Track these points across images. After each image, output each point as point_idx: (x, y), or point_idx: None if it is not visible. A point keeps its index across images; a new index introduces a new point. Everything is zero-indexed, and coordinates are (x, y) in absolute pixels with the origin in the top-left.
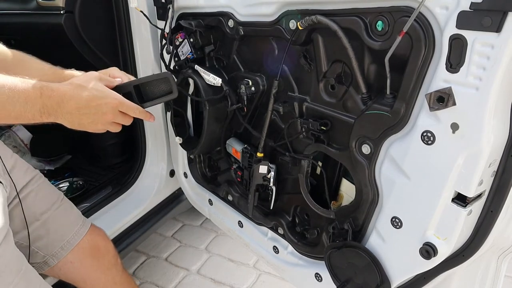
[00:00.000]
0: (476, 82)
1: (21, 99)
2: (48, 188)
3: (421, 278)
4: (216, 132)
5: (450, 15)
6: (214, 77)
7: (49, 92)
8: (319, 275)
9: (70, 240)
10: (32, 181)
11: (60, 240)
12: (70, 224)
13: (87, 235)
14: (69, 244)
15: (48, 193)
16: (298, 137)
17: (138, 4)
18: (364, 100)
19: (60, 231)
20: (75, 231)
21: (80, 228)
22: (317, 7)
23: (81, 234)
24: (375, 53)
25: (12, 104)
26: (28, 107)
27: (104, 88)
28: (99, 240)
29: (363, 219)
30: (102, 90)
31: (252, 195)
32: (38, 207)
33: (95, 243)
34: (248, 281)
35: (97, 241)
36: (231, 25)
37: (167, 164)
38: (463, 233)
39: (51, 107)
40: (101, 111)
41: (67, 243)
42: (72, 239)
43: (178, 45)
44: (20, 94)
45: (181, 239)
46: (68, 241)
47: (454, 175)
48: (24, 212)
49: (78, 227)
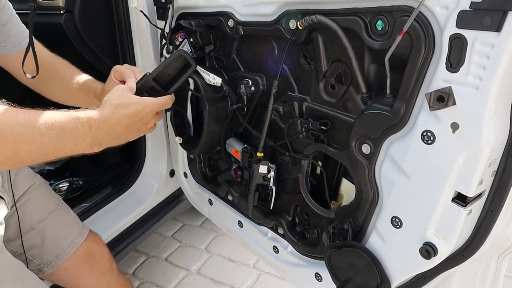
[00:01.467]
0: (476, 81)
1: (70, 137)
2: (47, 194)
3: (421, 278)
4: (216, 132)
5: (450, 14)
6: (214, 77)
7: (96, 124)
8: (319, 275)
9: (65, 249)
10: (31, 188)
11: (55, 249)
12: (67, 233)
13: (83, 243)
14: (64, 253)
15: (46, 201)
16: (298, 137)
17: (138, 4)
18: (364, 100)
19: (56, 240)
20: (71, 240)
21: (77, 237)
22: (317, 7)
23: (77, 243)
24: (375, 52)
25: (62, 144)
26: (78, 143)
27: (139, 98)
28: (94, 246)
29: (363, 219)
30: (139, 101)
31: (252, 195)
32: (35, 215)
33: (90, 249)
34: (248, 281)
35: (92, 247)
36: (231, 25)
37: (167, 164)
38: (463, 232)
39: (101, 138)
40: (145, 122)
41: (62, 252)
42: (67, 248)
43: (178, 45)
44: (69, 133)
45: (181, 239)
46: (64, 250)
47: (454, 175)
48: (20, 220)
49: (74, 236)
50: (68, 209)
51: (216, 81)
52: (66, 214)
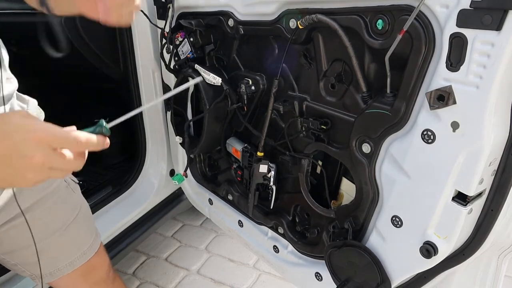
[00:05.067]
0: (476, 80)
1: None
2: (60, 208)
3: (421, 277)
4: (216, 131)
5: (450, 13)
6: (214, 77)
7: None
8: (319, 274)
9: (61, 269)
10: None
11: (51, 266)
12: (67, 255)
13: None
14: (60, 272)
15: (55, 216)
16: (298, 136)
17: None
18: (365, 99)
19: (54, 259)
20: (70, 262)
21: (78, 259)
22: (317, 6)
23: (76, 264)
24: (375, 52)
25: None
26: None
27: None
28: (94, 259)
29: (363, 218)
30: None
31: (252, 195)
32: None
33: (89, 263)
34: (248, 281)
35: (92, 261)
36: (231, 24)
37: (167, 164)
38: (464, 232)
39: None
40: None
41: (57, 271)
42: (64, 268)
43: (178, 44)
44: None
45: (181, 239)
46: (59, 269)
47: (454, 174)
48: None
49: (76, 257)
50: (80, 224)
51: (216, 80)
52: (76, 231)
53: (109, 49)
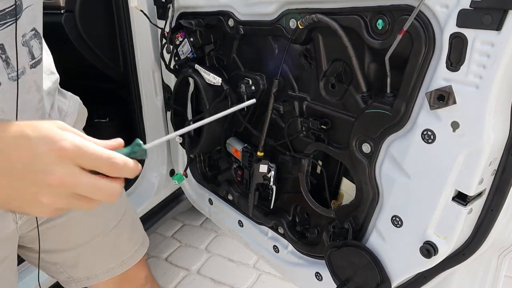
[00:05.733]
0: (476, 80)
1: None
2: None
3: (421, 277)
4: (216, 131)
5: (450, 13)
6: (214, 77)
7: None
8: (319, 274)
9: (99, 275)
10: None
11: (89, 271)
12: (106, 262)
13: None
14: (96, 278)
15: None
16: (298, 136)
17: (138, 3)
18: (365, 99)
19: (92, 264)
20: (108, 269)
21: (118, 267)
22: (317, 6)
23: (115, 273)
24: (375, 51)
25: None
26: None
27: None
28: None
29: (363, 218)
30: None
31: (252, 195)
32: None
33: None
34: (248, 281)
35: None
36: (231, 24)
37: (167, 164)
38: (464, 231)
39: None
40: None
41: (94, 277)
42: (101, 275)
43: (178, 44)
44: None
45: (181, 239)
46: (97, 275)
47: (454, 174)
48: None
49: (116, 265)
50: (122, 231)
51: (216, 80)
52: (116, 238)
53: (109, 49)
